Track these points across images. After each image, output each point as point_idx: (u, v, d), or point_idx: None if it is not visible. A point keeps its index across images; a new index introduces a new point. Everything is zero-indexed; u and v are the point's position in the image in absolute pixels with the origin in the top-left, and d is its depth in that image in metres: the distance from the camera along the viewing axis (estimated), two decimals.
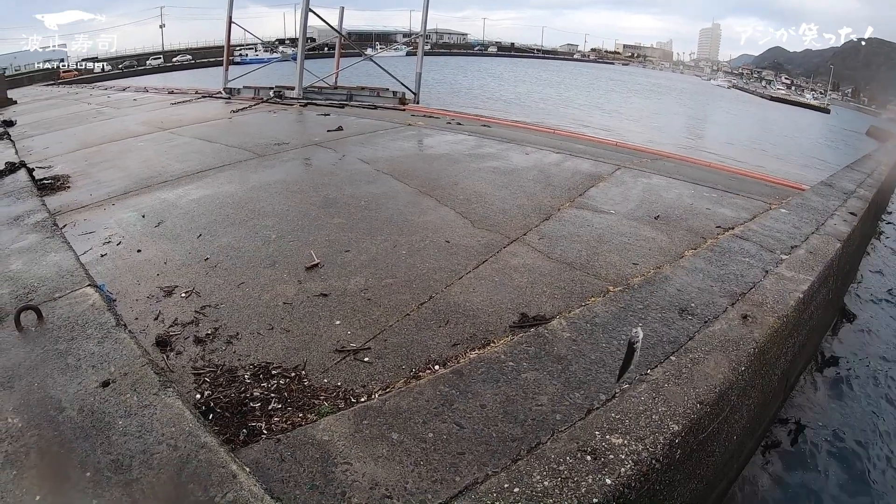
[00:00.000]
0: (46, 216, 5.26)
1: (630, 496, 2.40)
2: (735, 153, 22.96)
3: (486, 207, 6.06)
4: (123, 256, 4.97)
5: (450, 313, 3.94)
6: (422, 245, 5.06)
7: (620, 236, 5.29)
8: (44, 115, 16.67)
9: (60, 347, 3.04)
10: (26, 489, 2.14)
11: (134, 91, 24.00)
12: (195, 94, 19.09)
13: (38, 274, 3.97)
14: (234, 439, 2.70)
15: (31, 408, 2.58)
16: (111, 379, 2.74)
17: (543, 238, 5.24)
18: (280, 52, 25.21)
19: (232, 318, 3.90)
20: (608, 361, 3.24)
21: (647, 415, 2.78)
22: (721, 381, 3.11)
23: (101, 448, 2.32)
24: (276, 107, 14.63)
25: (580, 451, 2.50)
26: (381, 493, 2.31)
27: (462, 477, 2.40)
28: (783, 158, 25.17)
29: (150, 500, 2.07)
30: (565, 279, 4.44)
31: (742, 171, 9.93)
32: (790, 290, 4.23)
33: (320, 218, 5.74)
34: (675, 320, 3.72)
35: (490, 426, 2.72)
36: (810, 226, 5.73)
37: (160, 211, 6.10)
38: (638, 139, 18.34)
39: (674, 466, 2.68)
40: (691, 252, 4.95)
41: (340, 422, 2.76)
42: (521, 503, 2.25)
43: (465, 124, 12.19)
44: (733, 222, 5.80)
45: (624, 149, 11.00)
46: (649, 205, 6.30)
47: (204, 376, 3.26)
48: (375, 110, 14.23)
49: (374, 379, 3.22)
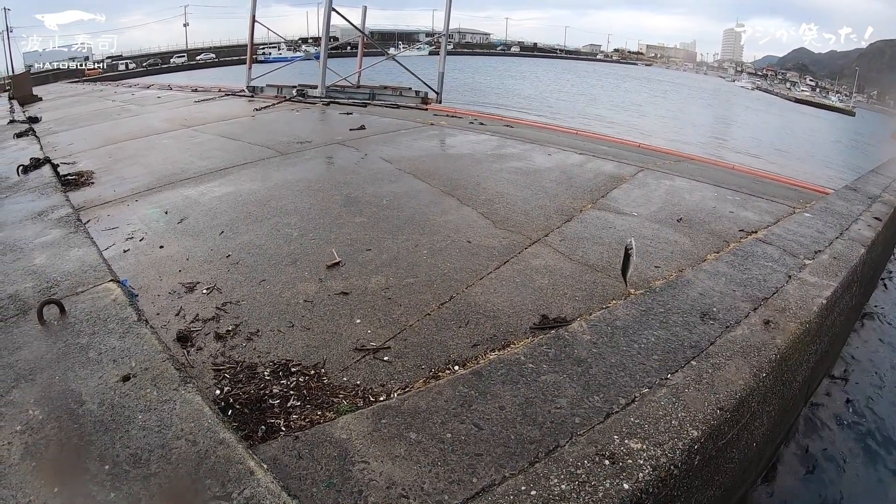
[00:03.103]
0: (70, 211, 5.31)
1: (647, 502, 2.37)
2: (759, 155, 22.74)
3: (508, 208, 6.03)
4: (146, 252, 5.02)
5: (470, 314, 3.93)
6: (443, 245, 5.05)
7: (642, 239, 5.24)
8: (68, 111, 16.90)
9: (82, 341, 3.06)
10: (45, 481, 2.16)
11: (158, 89, 24.29)
12: (218, 91, 19.25)
13: (62, 268, 4.01)
14: (252, 436, 2.71)
15: (51, 400, 2.60)
16: (132, 374, 2.76)
17: (565, 239, 5.21)
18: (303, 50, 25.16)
19: (253, 315, 3.92)
20: (628, 365, 3.21)
21: (666, 420, 2.75)
22: (742, 387, 3.06)
23: (120, 442, 2.33)
24: (298, 105, 14.69)
25: (598, 455, 2.48)
26: (397, 493, 2.30)
27: (479, 479, 2.39)
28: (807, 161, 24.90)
29: (167, 495, 2.08)
30: (586, 281, 4.41)
31: (765, 174, 9.81)
32: (813, 296, 4.17)
33: (342, 216, 5.76)
34: (697, 325, 3.68)
35: (508, 428, 2.70)
36: (834, 230, 5.64)
37: (183, 207, 6.15)
38: (660, 141, 18.19)
39: (692, 473, 2.65)
40: (714, 256, 4.90)
41: (359, 420, 2.76)
42: None
43: (487, 124, 12.16)
44: (756, 226, 5.72)
45: (646, 150, 10.92)
46: (672, 207, 6.24)
47: (224, 372, 3.27)
48: (398, 109, 14.24)
49: (394, 378, 3.22)
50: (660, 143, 15.84)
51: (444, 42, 17.15)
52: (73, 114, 16.15)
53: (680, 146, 17.01)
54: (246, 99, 16.70)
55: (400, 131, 10.61)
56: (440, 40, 17.75)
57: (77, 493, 2.10)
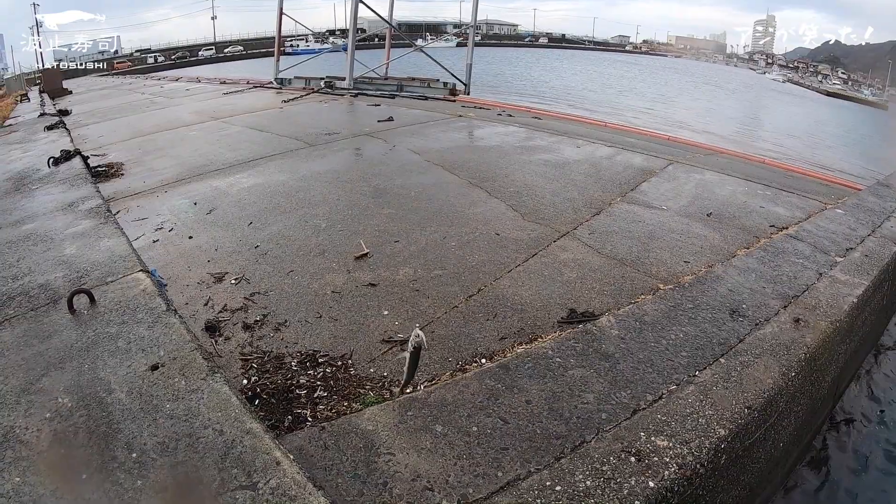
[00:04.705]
0: (100, 202, 5.37)
1: (672, 500, 2.35)
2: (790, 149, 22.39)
3: (537, 200, 5.99)
4: (175, 242, 5.08)
5: (498, 307, 3.91)
6: (471, 237, 5.03)
7: (672, 233, 5.18)
8: (98, 104, 17.15)
9: (111, 331, 3.10)
10: (73, 467, 2.18)
11: (186, 81, 24.57)
12: (247, 84, 19.39)
13: (92, 258, 4.06)
14: (278, 426, 2.74)
15: (81, 388, 2.63)
16: (160, 363, 2.78)
17: (594, 233, 5.16)
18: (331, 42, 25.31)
19: (280, 306, 3.94)
20: (657, 361, 3.18)
21: (693, 417, 2.72)
22: (770, 386, 3.02)
23: (148, 430, 2.36)
24: (326, 97, 14.73)
25: (624, 452, 2.46)
26: (422, 485, 2.30)
27: (504, 472, 2.38)
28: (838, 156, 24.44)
29: (194, 484, 2.10)
30: (615, 275, 4.37)
31: (797, 169, 9.63)
32: (844, 295, 4.09)
33: (370, 208, 5.77)
34: (726, 321, 3.63)
35: (534, 422, 2.69)
36: (866, 227, 5.52)
37: (211, 199, 6.21)
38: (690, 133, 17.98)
39: (718, 472, 2.62)
40: (744, 251, 4.82)
41: (385, 412, 2.76)
42: (563, 502, 2.22)
43: (515, 116, 12.08)
44: (787, 221, 5.62)
45: (676, 143, 10.78)
46: (701, 201, 6.16)
47: (251, 362, 3.30)
48: (426, 101, 14.22)
49: (420, 370, 3.21)
50: (689, 135, 15.67)
51: (471, 33, 17.07)
52: (102, 107, 16.39)
53: (710, 138, 16.77)
54: (274, 91, 16.81)
55: (428, 123, 10.58)
56: (468, 31, 17.70)
57: (105, 480, 2.12)
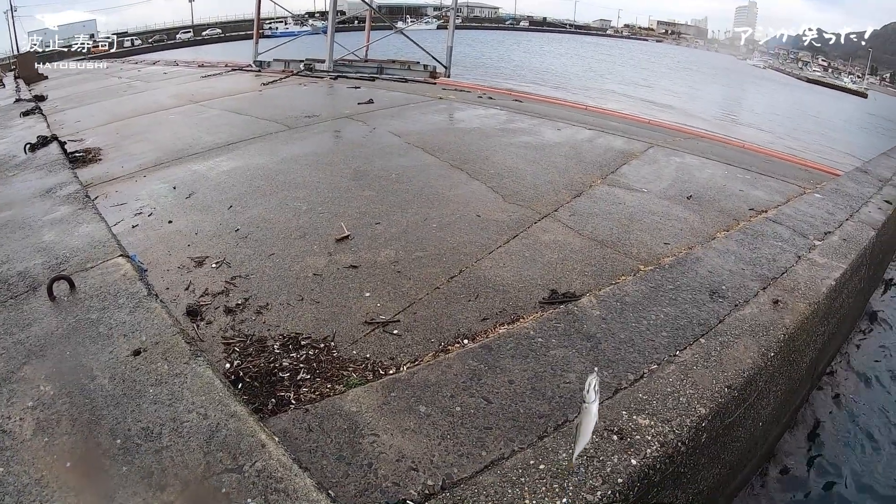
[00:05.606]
0: (78, 188, 5.30)
1: (655, 478, 2.39)
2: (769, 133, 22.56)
3: (518, 183, 6.00)
4: (154, 227, 5.03)
5: (479, 287, 3.93)
6: (452, 219, 5.04)
7: (652, 215, 5.22)
8: (75, 89, 16.83)
9: (92, 317, 3.07)
10: (57, 456, 2.17)
11: (164, 65, 24.13)
12: (225, 67, 19.11)
13: (71, 245, 4.00)
14: (262, 409, 2.74)
15: (63, 376, 2.61)
16: (142, 348, 2.76)
17: (574, 214, 5.19)
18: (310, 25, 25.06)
19: (262, 289, 3.93)
20: (637, 341, 3.22)
21: (674, 396, 2.76)
22: (750, 365, 3.08)
23: (132, 416, 2.34)
24: (306, 80, 14.58)
25: (607, 431, 2.49)
26: (407, 466, 2.32)
27: (488, 452, 2.40)
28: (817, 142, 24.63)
29: (179, 468, 2.10)
30: (596, 257, 4.40)
31: (776, 154, 9.73)
32: (822, 277, 4.16)
33: (351, 190, 5.75)
34: (706, 302, 3.68)
35: (517, 402, 2.71)
36: (844, 212, 5.61)
37: (191, 182, 6.15)
38: (670, 117, 18.05)
39: (699, 450, 2.66)
40: (723, 234, 4.88)
41: (368, 393, 2.78)
42: (547, 480, 2.24)
43: (496, 98, 12.07)
44: (766, 205, 5.69)
45: (656, 126, 10.83)
46: (682, 184, 6.21)
47: (234, 346, 3.29)
48: (406, 84, 14.15)
49: (403, 351, 3.23)
50: (670, 119, 15.72)
51: (452, 16, 16.96)
52: (79, 91, 16.09)
53: (691, 122, 16.83)
54: (253, 74, 16.59)
55: (408, 105, 10.54)
56: (448, 14, 17.58)
57: (90, 468, 2.11)
